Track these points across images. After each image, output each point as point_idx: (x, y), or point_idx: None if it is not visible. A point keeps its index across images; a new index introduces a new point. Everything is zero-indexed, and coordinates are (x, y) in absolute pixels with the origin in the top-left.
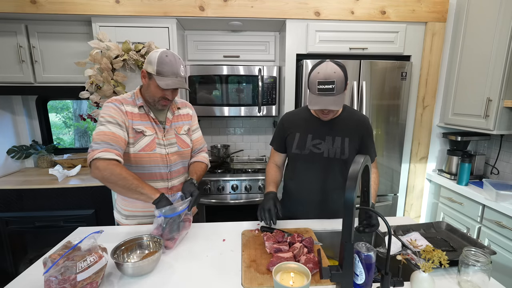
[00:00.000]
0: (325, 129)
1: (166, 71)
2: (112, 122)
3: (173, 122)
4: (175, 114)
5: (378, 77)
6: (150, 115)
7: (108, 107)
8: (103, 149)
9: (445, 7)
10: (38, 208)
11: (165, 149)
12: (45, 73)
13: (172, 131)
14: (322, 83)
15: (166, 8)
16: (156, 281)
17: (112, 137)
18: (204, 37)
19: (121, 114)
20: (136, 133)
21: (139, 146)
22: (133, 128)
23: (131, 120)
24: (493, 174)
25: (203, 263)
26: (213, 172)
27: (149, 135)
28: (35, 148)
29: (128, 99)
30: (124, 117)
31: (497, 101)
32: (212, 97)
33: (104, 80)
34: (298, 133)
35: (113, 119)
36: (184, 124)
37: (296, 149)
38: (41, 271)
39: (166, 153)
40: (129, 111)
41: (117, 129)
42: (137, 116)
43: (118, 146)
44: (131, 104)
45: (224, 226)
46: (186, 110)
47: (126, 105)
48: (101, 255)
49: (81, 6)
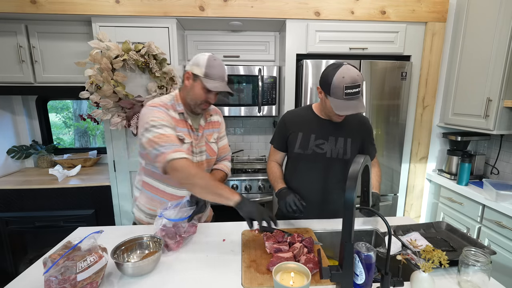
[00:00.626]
0: (328, 130)
1: (214, 74)
2: (169, 126)
3: (205, 129)
4: (207, 121)
5: (378, 77)
6: (188, 121)
7: (157, 112)
8: (173, 150)
9: (445, 7)
10: (38, 208)
11: (195, 157)
12: (45, 73)
13: (203, 139)
14: (349, 87)
15: (166, 8)
16: (156, 281)
17: (174, 139)
18: (204, 37)
19: (168, 118)
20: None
21: None
22: (176, 134)
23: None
24: (493, 174)
25: (203, 263)
26: None
27: (187, 142)
28: (35, 148)
29: (168, 104)
30: (172, 121)
31: (497, 101)
32: None
33: (104, 80)
34: (301, 133)
35: (167, 122)
36: (214, 132)
37: (299, 148)
38: (41, 271)
39: (196, 161)
40: (173, 116)
41: (170, 130)
42: (178, 122)
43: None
44: (172, 110)
45: (224, 226)
46: (216, 117)
47: (170, 111)
48: (101, 255)
49: (81, 6)
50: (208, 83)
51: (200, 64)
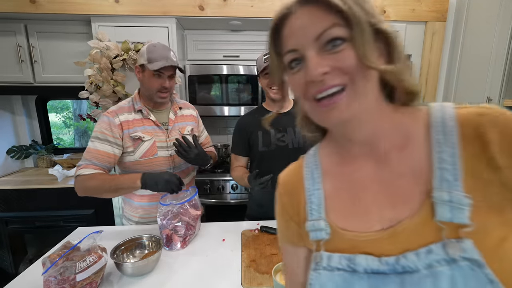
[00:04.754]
0: (285, 121)
1: (156, 56)
2: (100, 138)
3: (176, 122)
4: (177, 114)
5: None
6: (151, 118)
7: (101, 122)
8: (82, 166)
9: (445, 6)
10: (38, 208)
11: (168, 150)
12: (44, 73)
13: (175, 132)
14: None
15: (165, 8)
16: (156, 281)
17: (95, 154)
18: (203, 37)
19: (111, 128)
20: (134, 141)
21: (140, 152)
22: (130, 137)
23: (126, 130)
24: None
25: (203, 263)
26: (213, 172)
27: (148, 140)
28: (34, 148)
29: (124, 107)
30: (116, 130)
31: (497, 101)
32: (212, 96)
33: (104, 79)
34: (260, 131)
35: (102, 134)
36: (187, 125)
37: (262, 147)
38: (40, 271)
39: (170, 155)
40: (124, 120)
41: (103, 145)
42: (136, 122)
43: (99, 162)
44: (127, 112)
45: (224, 226)
46: (189, 111)
47: (120, 115)
48: (101, 255)
49: (80, 5)
50: (153, 66)
51: (142, 53)
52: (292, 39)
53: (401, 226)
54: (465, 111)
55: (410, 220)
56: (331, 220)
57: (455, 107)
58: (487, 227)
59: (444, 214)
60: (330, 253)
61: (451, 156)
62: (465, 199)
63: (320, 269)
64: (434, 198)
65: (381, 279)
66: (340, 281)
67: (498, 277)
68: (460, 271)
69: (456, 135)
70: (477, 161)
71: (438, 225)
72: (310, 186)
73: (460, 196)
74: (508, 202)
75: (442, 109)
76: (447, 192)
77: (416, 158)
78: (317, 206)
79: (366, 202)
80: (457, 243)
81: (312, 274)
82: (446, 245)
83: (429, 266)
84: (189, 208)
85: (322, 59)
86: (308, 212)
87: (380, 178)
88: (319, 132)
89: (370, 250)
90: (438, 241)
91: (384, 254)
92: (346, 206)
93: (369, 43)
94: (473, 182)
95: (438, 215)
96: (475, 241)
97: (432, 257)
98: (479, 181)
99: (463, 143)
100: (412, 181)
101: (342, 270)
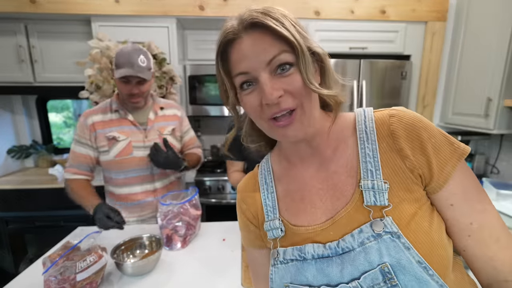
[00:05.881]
0: None
1: (121, 62)
2: (77, 140)
3: (156, 122)
4: (158, 114)
5: (378, 77)
6: (128, 118)
7: (78, 124)
8: (67, 169)
9: (445, 7)
10: (38, 208)
11: (144, 151)
12: (44, 72)
13: (155, 132)
14: None
15: (165, 8)
16: (156, 281)
17: (73, 156)
18: (204, 37)
19: (84, 129)
20: (108, 140)
21: (114, 152)
22: (105, 136)
23: (100, 130)
24: (493, 173)
25: (203, 262)
26: (213, 172)
27: (123, 140)
28: (35, 148)
29: (100, 107)
30: (88, 131)
31: (497, 101)
32: (212, 96)
33: (104, 79)
34: None
35: (77, 136)
36: (169, 124)
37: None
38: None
39: (147, 155)
40: (97, 121)
41: (79, 147)
42: (112, 122)
43: (78, 164)
44: (102, 112)
45: (224, 226)
46: (172, 111)
47: (94, 115)
48: (101, 255)
49: (80, 5)
50: (116, 73)
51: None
52: (243, 63)
53: (339, 215)
54: (380, 114)
55: (346, 208)
56: (284, 218)
57: (374, 111)
58: (401, 205)
59: (370, 199)
60: (285, 248)
61: (372, 151)
62: (384, 184)
63: (277, 264)
64: (361, 187)
65: (326, 262)
66: (294, 270)
67: (414, 245)
68: (384, 243)
69: (375, 133)
70: (391, 153)
71: (366, 209)
72: (265, 190)
73: (380, 183)
74: (415, 183)
75: (364, 113)
76: (370, 181)
77: (347, 155)
78: (271, 207)
79: (312, 199)
80: (381, 221)
81: (271, 269)
82: (373, 224)
83: (362, 244)
84: (189, 208)
85: (275, 83)
86: (265, 214)
87: (321, 177)
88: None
89: (318, 239)
90: (367, 222)
91: (329, 240)
92: (296, 205)
93: (309, 67)
94: (389, 170)
95: (366, 200)
96: (393, 218)
97: (363, 235)
98: (393, 169)
99: (380, 140)
100: (346, 175)
101: (295, 261)
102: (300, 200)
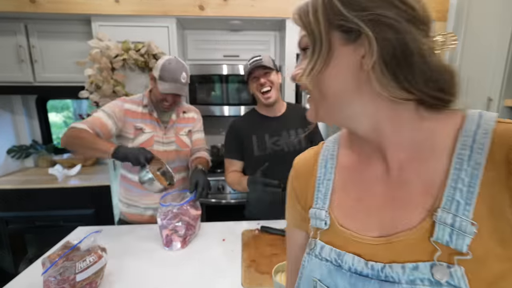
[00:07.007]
0: (278, 125)
1: (166, 77)
2: (104, 111)
3: (176, 123)
4: (179, 117)
5: None
6: (153, 114)
7: (112, 102)
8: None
9: (445, 7)
10: (38, 208)
11: (163, 146)
12: (44, 72)
13: (172, 131)
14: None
15: (165, 7)
16: (156, 280)
17: (92, 119)
18: (204, 36)
19: (118, 108)
20: (136, 130)
21: (138, 141)
22: (134, 126)
23: (131, 119)
24: None
25: (203, 263)
26: (213, 172)
27: (148, 132)
28: (35, 147)
29: (135, 99)
30: (120, 113)
31: (497, 100)
32: (212, 96)
33: (104, 79)
34: (255, 135)
35: (108, 108)
36: (186, 126)
37: (258, 151)
38: (40, 271)
39: (164, 150)
40: (130, 109)
41: (105, 116)
42: (140, 114)
43: (92, 126)
44: (136, 104)
45: (224, 226)
46: (191, 114)
47: (129, 104)
48: (101, 255)
49: (80, 5)
50: (160, 85)
51: (157, 67)
52: None
53: (397, 237)
54: (505, 128)
55: (406, 234)
56: (333, 214)
57: (497, 120)
58: (486, 259)
59: (443, 237)
60: (324, 244)
61: (470, 177)
62: (471, 227)
63: (312, 255)
64: (435, 218)
65: (362, 281)
66: (326, 271)
67: None
68: None
69: (485, 154)
70: (498, 187)
71: (433, 245)
72: (322, 175)
73: (465, 223)
74: None
75: (479, 120)
76: (452, 215)
77: (431, 169)
78: (323, 195)
79: (370, 204)
80: (447, 268)
81: (305, 256)
82: (434, 267)
83: (412, 282)
84: (189, 208)
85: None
86: (314, 199)
87: (388, 181)
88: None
89: (361, 252)
90: (428, 261)
91: (373, 259)
92: (350, 204)
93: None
94: (486, 210)
95: (435, 236)
96: (468, 270)
97: (417, 275)
98: (492, 210)
99: (490, 165)
100: (420, 192)
101: (329, 262)
102: (356, 200)
